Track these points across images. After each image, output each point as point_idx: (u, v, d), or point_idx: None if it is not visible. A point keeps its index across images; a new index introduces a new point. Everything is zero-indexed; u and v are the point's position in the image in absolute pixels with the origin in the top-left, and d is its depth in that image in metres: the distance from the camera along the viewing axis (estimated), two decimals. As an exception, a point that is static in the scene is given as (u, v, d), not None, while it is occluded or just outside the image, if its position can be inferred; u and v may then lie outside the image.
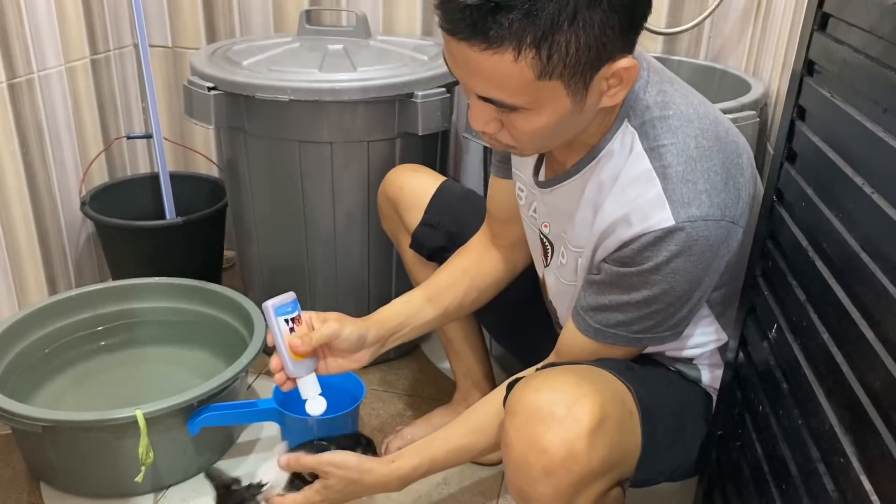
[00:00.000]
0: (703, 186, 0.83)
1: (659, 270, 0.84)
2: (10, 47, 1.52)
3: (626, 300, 0.88)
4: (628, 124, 0.87)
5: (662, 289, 0.85)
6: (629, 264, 0.86)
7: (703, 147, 0.84)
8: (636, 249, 0.84)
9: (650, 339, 0.92)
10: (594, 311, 0.91)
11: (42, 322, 1.46)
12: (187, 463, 1.32)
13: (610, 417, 0.83)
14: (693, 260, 0.83)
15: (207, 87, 1.40)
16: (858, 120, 0.63)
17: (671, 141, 0.84)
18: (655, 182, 0.83)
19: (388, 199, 1.34)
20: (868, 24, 0.63)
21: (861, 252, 0.60)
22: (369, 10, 1.71)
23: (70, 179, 1.74)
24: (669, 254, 0.83)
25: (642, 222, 0.83)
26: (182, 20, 1.85)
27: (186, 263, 1.70)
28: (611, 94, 0.81)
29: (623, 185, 0.86)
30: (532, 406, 0.83)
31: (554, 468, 0.81)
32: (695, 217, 0.82)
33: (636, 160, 0.85)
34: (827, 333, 0.65)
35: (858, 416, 0.57)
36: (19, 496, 1.29)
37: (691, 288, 0.86)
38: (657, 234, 0.82)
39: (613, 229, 0.86)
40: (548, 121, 0.80)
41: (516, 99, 0.78)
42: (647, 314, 0.88)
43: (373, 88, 1.37)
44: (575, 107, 0.80)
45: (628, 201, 0.85)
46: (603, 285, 0.90)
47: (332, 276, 1.54)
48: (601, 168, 0.89)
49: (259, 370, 1.62)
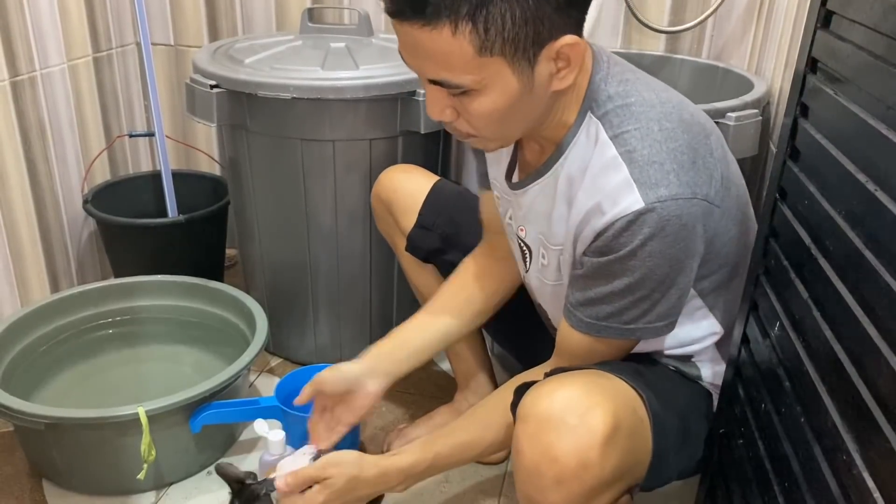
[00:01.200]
0: (671, 166, 0.83)
1: (635, 255, 0.84)
2: (12, 45, 1.52)
3: (609, 290, 0.88)
4: (591, 115, 0.87)
5: (643, 273, 0.85)
6: (606, 252, 0.86)
7: (666, 129, 0.85)
8: (610, 237, 0.84)
9: (644, 331, 0.91)
10: (583, 307, 0.91)
11: (44, 320, 1.46)
12: (189, 460, 1.32)
13: (622, 426, 0.82)
14: (668, 240, 0.83)
15: (210, 85, 1.40)
16: (862, 117, 0.63)
17: (635, 126, 0.85)
18: (622, 167, 0.84)
19: (382, 201, 1.34)
20: (872, 22, 0.62)
21: (864, 249, 0.60)
22: (371, 8, 1.71)
23: (72, 177, 1.74)
24: (643, 237, 0.83)
25: (613, 208, 0.84)
26: (184, 18, 1.86)
27: (188, 261, 1.70)
28: (560, 76, 0.82)
29: (593, 175, 0.86)
30: (544, 414, 0.82)
31: (566, 477, 0.80)
32: (664, 197, 0.82)
33: (602, 149, 0.86)
34: (830, 331, 0.65)
35: (861, 414, 0.57)
36: (21, 493, 1.29)
37: (672, 271, 0.86)
38: (629, 219, 0.83)
39: (588, 220, 0.87)
40: (498, 103, 0.81)
41: (462, 78, 0.79)
42: (633, 302, 0.88)
43: (375, 86, 1.37)
44: (523, 88, 0.80)
45: (598, 189, 0.85)
46: (586, 279, 0.90)
47: (333, 273, 1.54)
48: (570, 162, 0.89)
49: (261, 368, 1.62)
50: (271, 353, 1.67)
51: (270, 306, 1.57)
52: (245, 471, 1.08)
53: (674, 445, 0.91)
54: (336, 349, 1.60)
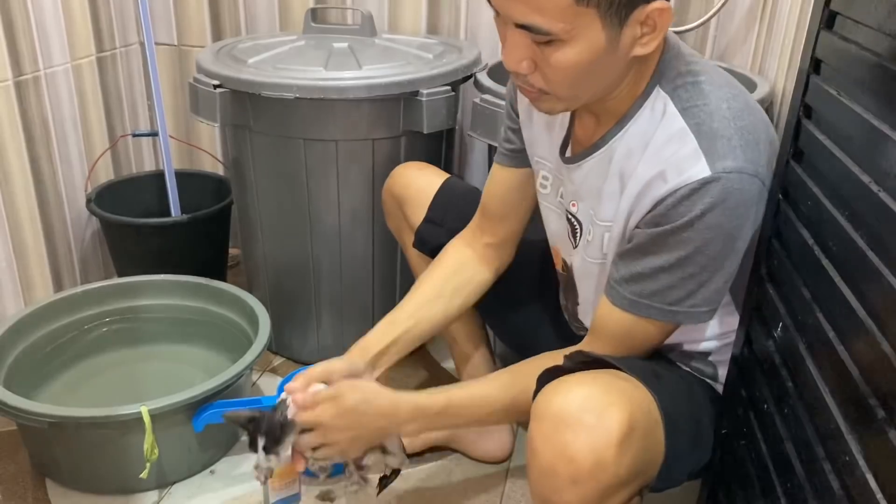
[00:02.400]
0: (738, 142, 0.84)
1: (693, 225, 0.84)
2: (16, 45, 1.52)
3: (659, 265, 0.87)
4: (660, 89, 0.88)
5: (696, 247, 0.85)
6: (663, 222, 0.85)
7: (734, 108, 0.86)
8: (671, 204, 0.84)
9: (686, 315, 0.90)
10: (628, 282, 0.90)
11: (48, 319, 1.47)
12: (192, 460, 1.32)
13: (638, 426, 0.82)
14: (727, 214, 0.83)
15: (213, 85, 1.40)
16: (865, 118, 0.63)
17: (703, 102, 0.86)
18: (691, 138, 0.84)
19: (393, 196, 1.34)
20: (875, 22, 0.62)
21: (867, 250, 0.60)
22: (375, 8, 1.71)
23: (76, 177, 1.74)
24: (704, 206, 0.83)
25: (678, 176, 0.84)
26: (188, 18, 1.86)
27: (191, 261, 1.70)
28: (643, 41, 0.82)
29: (657, 146, 0.87)
30: (560, 413, 0.82)
31: (582, 477, 0.80)
32: (730, 168, 0.82)
33: (670, 121, 0.87)
34: (833, 332, 0.65)
35: (864, 415, 0.57)
36: (25, 492, 1.29)
37: (724, 249, 0.85)
38: (693, 186, 0.83)
39: (647, 190, 0.87)
40: (581, 56, 0.81)
41: (553, 25, 0.78)
42: (681, 280, 0.87)
43: (378, 87, 1.37)
44: (608, 46, 0.81)
45: (662, 160, 0.86)
46: (636, 252, 0.89)
47: (336, 273, 1.54)
48: (630, 136, 0.90)
49: (263, 367, 1.62)
50: (274, 353, 1.67)
51: (273, 306, 1.57)
52: (249, 412, 1.03)
53: (686, 447, 0.91)
54: (338, 349, 1.59)
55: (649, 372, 0.91)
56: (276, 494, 1.22)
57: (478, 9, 1.70)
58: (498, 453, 1.37)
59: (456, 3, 1.70)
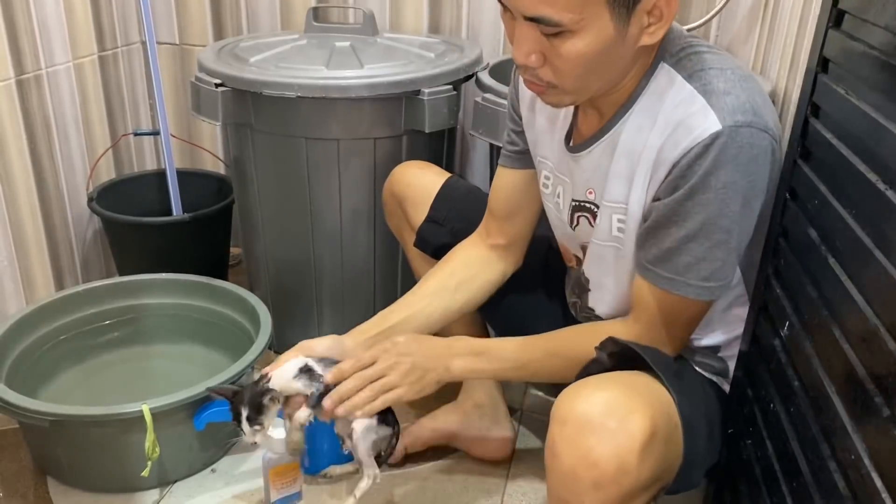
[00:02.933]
0: (746, 98, 0.84)
1: (709, 185, 0.84)
2: (18, 43, 1.52)
3: (685, 234, 0.87)
4: (664, 64, 0.89)
5: (717, 208, 0.85)
6: (680, 185, 0.86)
7: (739, 73, 0.87)
8: (685, 165, 0.85)
9: (718, 288, 0.90)
10: (661, 261, 0.91)
11: (49, 317, 1.46)
12: (193, 458, 1.32)
13: (659, 431, 0.82)
14: (741, 170, 0.84)
15: (215, 84, 1.40)
16: (873, 116, 0.63)
17: (709, 66, 0.87)
18: (698, 98, 0.85)
19: (394, 195, 1.34)
20: (884, 21, 0.62)
21: (875, 249, 0.60)
22: (376, 7, 1.71)
23: (77, 175, 1.74)
24: (717, 162, 0.83)
25: (688, 135, 0.85)
26: (189, 17, 1.86)
27: (193, 260, 1.70)
28: (650, 31, 0.83)
29: (666, 114, 0.88)
30: (583, 417, 0.81)
31: (604, 482, 0.80)
32: (740, 122, 0.83)
33: (677, 89, 0.88)
34: (839, 331, 0.65)
35: (870, 414, 0.57)
36: (26, 490, 1.29)
37: (743, 207, 0.86)
38: (705, 143, 0.83)
39: (662, 157, 0.88)
40: (590, 47, 0.81)
41: (563, 15, 0.79)
42: (709, 249, 0.87)
43: (380, 85, 1.37)
44: (617, 36, 0.81)
45: (673, 122, 0.87)
46: (660, 226, 0.90)
47: (337, 272, 1.54)
48: (637, 113, 0.91)
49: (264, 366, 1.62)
50: (275, 352, 1.66)
51: (274, 305, 1.57)
52: (231, 385, 1.07)
53: (703, 449, 0.91)
54: (340, 348, 1.60)
55: (672, 371, 0.91)
56: (277, 493, 1.22)
57: (479, 8, 1.70)
58: (499, 453, 1.37)
59: (457, 3, 1.70)
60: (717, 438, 0.96)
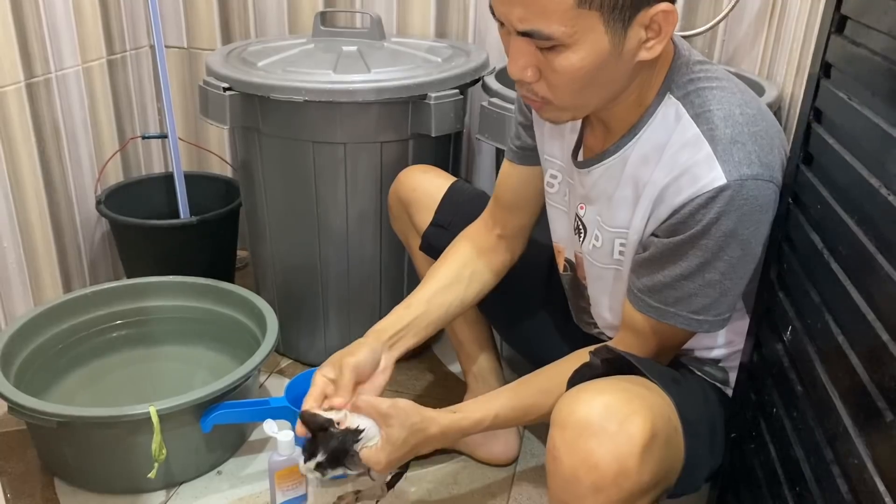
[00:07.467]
0: (752, 148, 0.83)
1: (710, 233, 0.84)
2: (28, 47, 1.53)
3: (679, 273, 0.87)
4: (671, 96, 0.88)
5: (714, 253, 0.85)
6: (681, 230, 0.85)
7: (747, 114, 0.86)
8: (688, 214, 0.84)
9: (711, 324, 0.90)
10: (651, 292, 0.91)
11: (57, 319, 1.47)
12: (199, 460, 1.32)
13: (659, 434, 0.82)
14: (744, 221, 0.83)
15: (223, 88, 1.41)
16: (875, 122, 0.63)
17: (717, 107, 0.86)
18: (704, 145, 0.84)
19: (400, 199, 1.34)
20: (886, 27, 0.63)
21: (877, 254, 0.60)
22: (383, 11, 1.72)
23: (86, 178, 1.75)
24: (720, 214, 0.83)
25: (693, 185, 0.84)
26: (198, 21, 1.87)
27: (200, 262, 1.71)
28: (649, 45, 0.82)
29: (672, 153, 0.87)
30: (583, 420, 0.81)
31: (604, 485, 0.80)
32: (746, 175, 0.82)
33: (684, 127, 0.86)
34: (842, 335, 0.65)
35: (873, 418, 0.57)
36: (33, 491, 1.30)
37: (744, 255, 0.85)
38: (709, 195, 0.83)
39: (664, 198, 0.87)
40: (585, 61, 0.80)
41: (555, 28, 0.78)
42: (702, 287, 0.87)
43: (387, 90, 1.37)
44: (612, 50, 0.80)
45: (677, 166, 0.85)
46: (655, 262, 0.89)
47: (343, 275, 1.54)
48: (643, 143, 0.90)
49: (271, 369, 1.63)
50: (281, 355, 1.67)
51: (281, 307, 1.58)
52: (325, 417, 0.95)
53: (704, 452, 0.91)
54: (346, 351, 1.60)
55: (669, 377, 0.91)
56: (283, 495, 1.22)
57: (486, 12, 1.70)
58: (504, 456, 1.37)
59: (464, 7, 1.71)
60: (720, 442, 0.96)
